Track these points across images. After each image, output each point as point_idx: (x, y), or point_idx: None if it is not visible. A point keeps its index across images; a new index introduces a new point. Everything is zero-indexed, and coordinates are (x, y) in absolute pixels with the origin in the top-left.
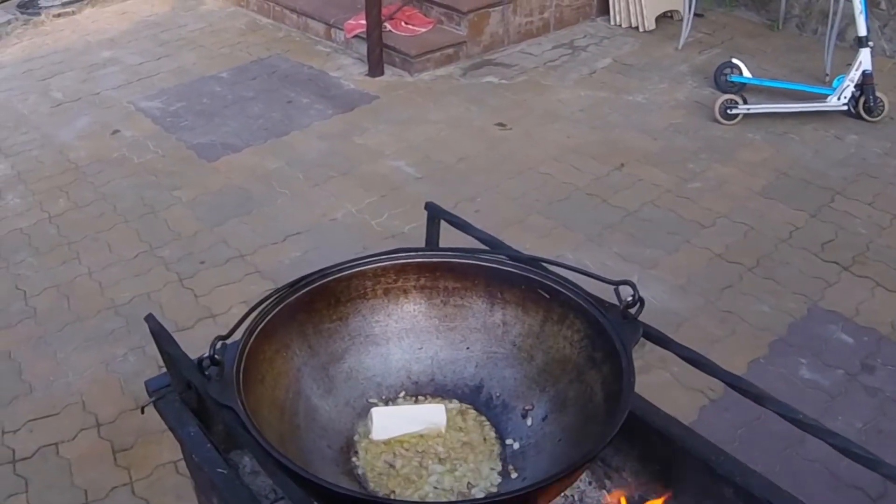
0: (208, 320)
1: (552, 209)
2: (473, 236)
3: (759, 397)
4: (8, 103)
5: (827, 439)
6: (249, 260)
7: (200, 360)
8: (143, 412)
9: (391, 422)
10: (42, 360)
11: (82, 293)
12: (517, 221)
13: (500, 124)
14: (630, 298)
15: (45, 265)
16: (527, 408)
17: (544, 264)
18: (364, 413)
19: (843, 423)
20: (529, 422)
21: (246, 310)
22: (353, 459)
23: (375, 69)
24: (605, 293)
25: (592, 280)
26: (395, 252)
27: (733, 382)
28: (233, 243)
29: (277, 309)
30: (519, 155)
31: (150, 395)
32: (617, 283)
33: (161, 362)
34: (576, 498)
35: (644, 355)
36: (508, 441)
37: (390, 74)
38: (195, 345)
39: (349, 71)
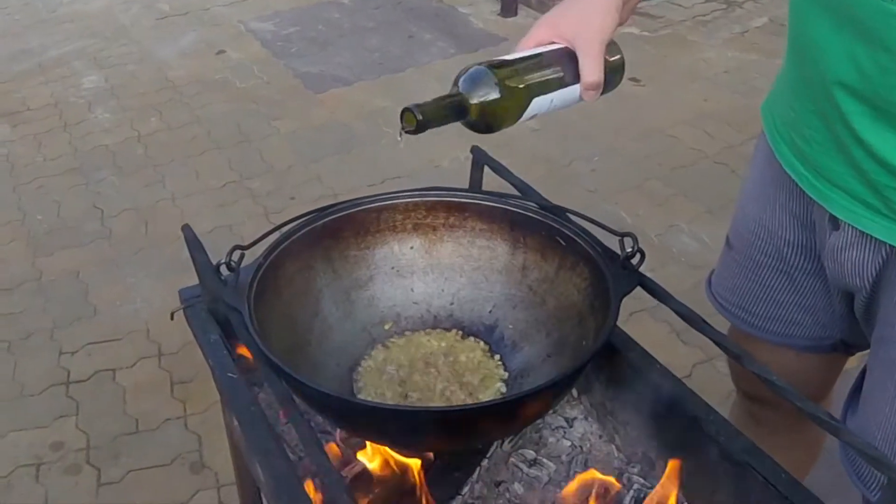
0: None
1: (674, 176)
2: (509, 182)
3: (737, 356)
4: (109, 12)
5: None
6: (342, 199)
7: (218, 264)
8: (172, 318)
9: None
10: (111, 284)
11: (162, 219)
12: (634, 186)
13: (634, 79)
14: (630, 250)
15: (126, 186)
16: (549, 354)
17: (568, 214)
18: (380, 339)
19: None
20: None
21: None
22: (355, 376)
23: (509, 9)
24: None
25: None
26: (427, 189)
27: (718, 340)
28: (327, 181)
29: (304, 230)
30: (648, 114)
31: (182, 304)
32: (621, 235)
33: None
34: (583, 449)
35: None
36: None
37: (524, 15)
38: None
39: (480, 8)
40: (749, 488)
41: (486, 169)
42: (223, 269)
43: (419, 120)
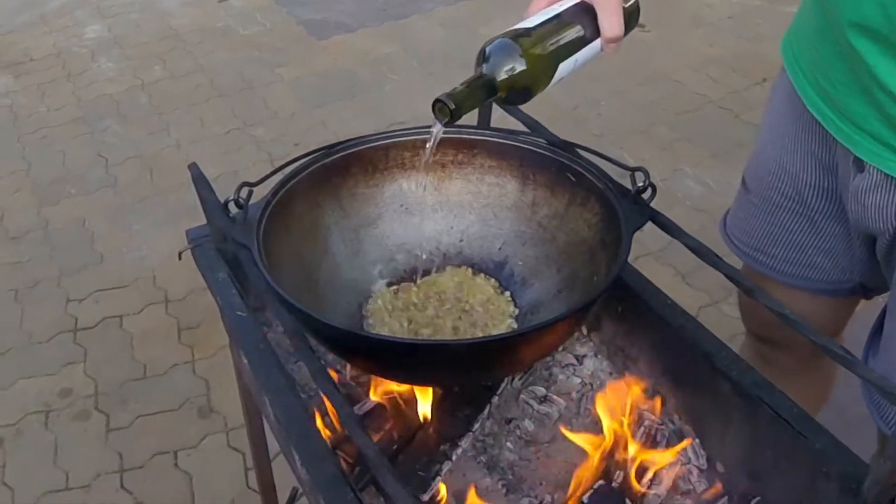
0: None
1: (679, 121)
2: (518, 119)
3: (749, 290)
4: None
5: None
6: None
7: (226, 201)
8: (180, 258)
9: None
10: (117, 232)
11: (167, 166)
12: (640, 131)
13: (640, 25)
14: (641, 184)
15: (131, 134)
16: (559, 290)
17: (578, 150)
18: (387, 275)
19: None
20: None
21: None
22: (365, 313)
23: None
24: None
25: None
26: None
27: (731, 274)
28: (331, 127)
29: (312, 168)
30: (653, 60)
31: (190, 243)
32: (632, 170)
33: None
34: (593, 385)
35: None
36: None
37: None
38: None
39: None
40: (760, 423)
41: (495, 106)
42: (231, 207)
43: (452, 109)
